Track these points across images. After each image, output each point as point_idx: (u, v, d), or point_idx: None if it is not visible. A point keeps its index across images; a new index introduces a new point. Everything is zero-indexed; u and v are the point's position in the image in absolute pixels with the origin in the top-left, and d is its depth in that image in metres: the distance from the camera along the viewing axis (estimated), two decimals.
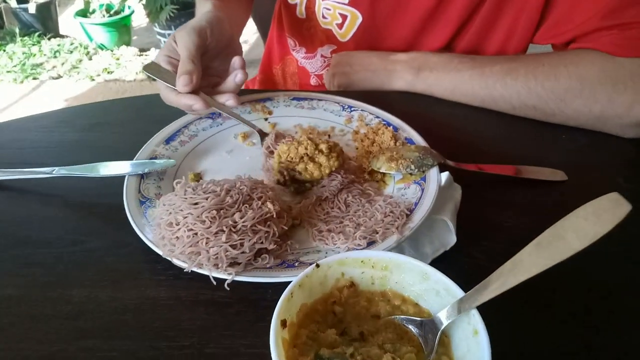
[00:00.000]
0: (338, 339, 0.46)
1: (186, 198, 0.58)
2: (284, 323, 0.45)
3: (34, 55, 3.59)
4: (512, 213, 0.70)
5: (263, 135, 0.80)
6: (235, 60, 0.80)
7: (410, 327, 0.49)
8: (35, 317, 0.56)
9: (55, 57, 3.59)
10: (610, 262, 0.63)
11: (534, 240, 0.45)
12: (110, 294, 0.58)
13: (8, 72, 3.40)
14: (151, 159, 0.74)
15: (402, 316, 0.50)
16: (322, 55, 1.07)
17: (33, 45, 3.69)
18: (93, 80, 3.36)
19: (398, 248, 0.61)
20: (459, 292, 0.47)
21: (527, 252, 0.45)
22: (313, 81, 1.13)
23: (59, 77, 3.40)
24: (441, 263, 0.62)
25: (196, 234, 0.55)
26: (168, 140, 0.78)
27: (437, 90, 0.93)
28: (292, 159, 0.68)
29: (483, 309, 0.45)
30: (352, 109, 0.87)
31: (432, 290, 0.49)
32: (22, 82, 3.33)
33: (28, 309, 0.56)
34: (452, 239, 0.63)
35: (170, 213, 0.57)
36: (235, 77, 0.79)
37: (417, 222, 0.62)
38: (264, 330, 0.44)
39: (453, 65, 0.91)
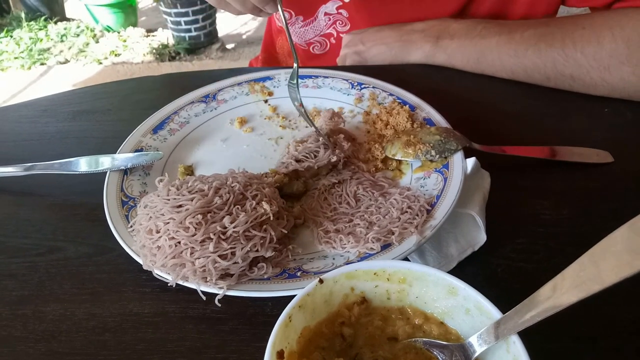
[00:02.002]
0: None
1: (169, 199, 0.50)
2: (281, 354, 0.37)
3: (41, 40, 3.53)
4: (550, 203, 0.60)
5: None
6: None
7: (434, 352, 0.40)
8: (3, 339, 0.49)
9: (62, 41, 3.53)
10: None
11: (597, 246, 0.35)
12: (89, 310, 0.51)
13: (16, 58, 3.35)
14: (137, 151, 0.66)
15: (425, 339, 0.41)
16: (325, 14, 0.95)
17: (40, 29, 3.63)
18: (100, 63, 3.29)
19: (418, 250, 0.52)
20: (494, 312, 0.38)
21: (582, 262, 0.36)
22: (317, 49, 1.01)
23: (67, 61, 3.35)
24: (469, 266, 0.53)
25: (179, 243, 0.47)
26: (156, 129, 0.70)
27: (459, 61, 0.82)
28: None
29: (526, 334, 0.36)
30: (363, 86, 0.77)
31: (460, 308, 0.41)
32: (29, 68, 3.28)
33: None
34: (482, 237, 0.54)
35: (151, 218, 0.49)
36: None
37: (440, 220, 0.53)
38: (263, 352, 0.36)
39: (477, 31, 0.80)
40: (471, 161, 0.60)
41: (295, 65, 0.64)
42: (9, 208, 0.64)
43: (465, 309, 0.40)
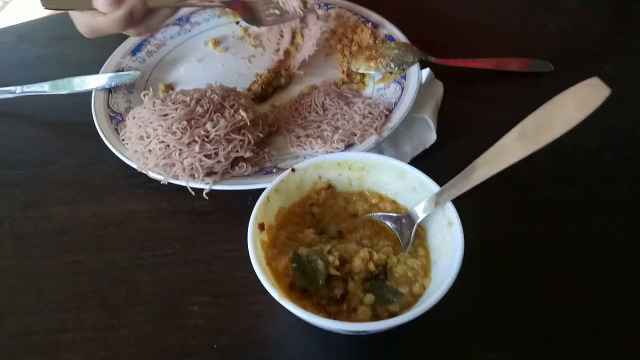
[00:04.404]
0: (316, 238, 0.47)
1: (155, 110, 0.56)
2: (261, 226, 0.46)
3: None
4: (495, 108, 0.68)
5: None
6: None
7: (387, 223, 0.49)
8: (18, 236, 0.56)
9: None
10: (587, 154, 0.63)
11: (512, 130, 0.44)
12: (91, 209, 0.58)
13: None
14: (117, 71, 0.70)
15: (380, 213, 0.50)
16: None
17: None
18: None
19: (377, 148, 0.60)
20: (434, 187, 0.47)
21: (505, 142, 0.44)
22: None
23: None
24: (421, 161, 0.62)
25: (168, 145, 0.53)
26: (134, 51, 0.74)
27: None
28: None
29: (458, 202, 0.45)
30: (329, 6, 0.81)
31: (408, 188, 0.49)
32: None
33: (10, 230, 0.57)
34: (432, 137, 0.62)
35: (140, 126, 0.55)
36: None
37: (396, 122, 0.60)
38: (246, 235, 0.44)
39: None
40: (426, 72, 0.67)
41: None
42: (2, 128, 0.69)
43: (412, 187, 0.49)
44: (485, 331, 0.47)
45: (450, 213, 0.44)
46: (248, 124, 0.57)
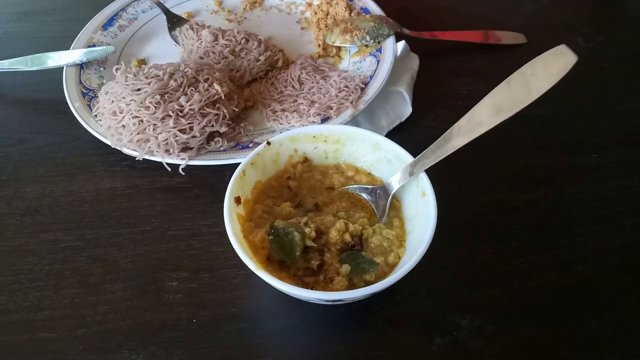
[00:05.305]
0: (293, 211, 0.47)
1: (128, 84, 0.55)
2: (237, 200, 0.46)
3: None
4: (469, 80, 0.69)
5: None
6: None
7: (363, 195, 0.50)
8: None
9: None
10: (558, 125, 0.64)
11: (483, 99, 0.45)
12: (66, 187, 0.58)
13: None
14: (89, 47, 0.68)
15: (355, 185, 0.50)
16: None
17: None
18: None
19: (354, 122, 0.61)
20: (408, 158, 0.47)
21: (476, 111, 0.45)
22: None
23: None
24: (398, 134, 0.62)
25: (142, 120, 0.53)
26: (105, 26, 0.72)
27: None
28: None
29: (432, 174, 0.45)
30: None
31: (383, 159, 0.50)
32: None
33: None
34: (408, 110, 0.63)
35: (113, 101, 0.55)
36: None
37: (372, 95, 0.60)
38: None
39: None
40: (401, 44, 0.67)
41: None
42: None
43: (387, 159, 0.49)
44: (459, 298, 0.48)
45: (423, 183, 0.45)
46: (223, 97, 0.56)
